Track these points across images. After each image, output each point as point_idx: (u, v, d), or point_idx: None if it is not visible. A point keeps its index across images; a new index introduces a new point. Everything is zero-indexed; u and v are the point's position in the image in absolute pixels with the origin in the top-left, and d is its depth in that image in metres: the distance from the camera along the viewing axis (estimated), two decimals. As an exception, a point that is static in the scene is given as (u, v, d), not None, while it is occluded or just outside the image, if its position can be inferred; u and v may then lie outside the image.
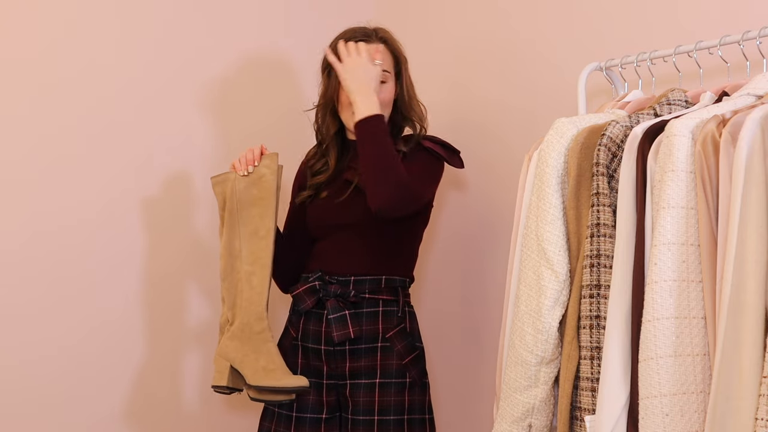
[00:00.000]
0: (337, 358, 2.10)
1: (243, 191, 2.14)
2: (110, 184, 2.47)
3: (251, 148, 2.16)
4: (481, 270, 2.51)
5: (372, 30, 2.14)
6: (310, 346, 2.12)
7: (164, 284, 2.55)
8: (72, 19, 2.43)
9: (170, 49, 2.56)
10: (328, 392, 2.11)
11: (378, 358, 2.08)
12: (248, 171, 2.14)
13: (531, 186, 1.74)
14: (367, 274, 2.10)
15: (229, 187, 2.16)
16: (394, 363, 2.08)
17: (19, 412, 2.34)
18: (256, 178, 2.15)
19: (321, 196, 2.18)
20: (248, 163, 2.14)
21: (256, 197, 2.14)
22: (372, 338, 2.09)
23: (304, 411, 2.10)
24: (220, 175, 2.19)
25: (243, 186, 2.14)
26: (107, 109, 2.46)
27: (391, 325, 2.10)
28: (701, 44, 1.72)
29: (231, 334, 2.11)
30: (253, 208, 2.14)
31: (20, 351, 2.34)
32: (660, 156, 1.48)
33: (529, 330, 1.66)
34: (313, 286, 2.11)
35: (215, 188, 2.19)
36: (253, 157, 2.14)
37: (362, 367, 2.08)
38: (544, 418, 1.71)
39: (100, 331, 2.45)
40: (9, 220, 2.34)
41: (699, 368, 1.44)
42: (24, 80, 2.37)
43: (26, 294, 2.36)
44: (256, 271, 2.11)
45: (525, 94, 2.35)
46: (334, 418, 2.12)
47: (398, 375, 2.07)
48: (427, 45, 2.67)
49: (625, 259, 1.53)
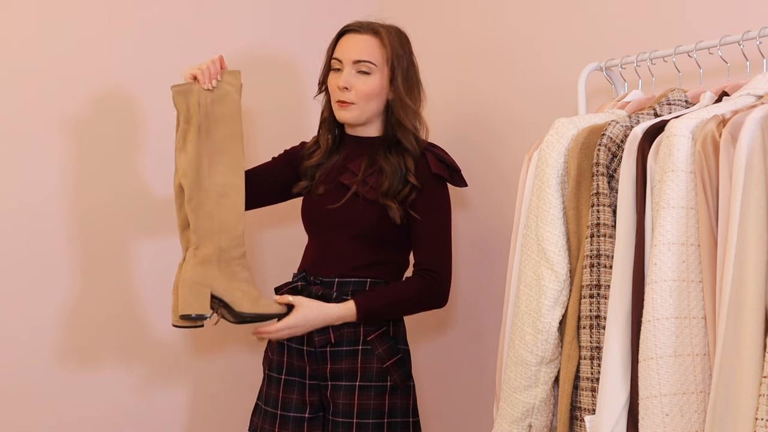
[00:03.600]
0: (318, 359, 2.09)
1: (209, 105, 2.00)
2: (107, 184, 2.48)
3: (213, 59, 2.04)
4: (481, 270, 2.51)
5: (368, 23, 2.14)
6: (294, 346, 2.12)
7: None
8: (61, 13, 2.42)
9: (165, 45, 2.55)
10: (311, 392, 2.11)
11: (359, 360, 2.07)
12: (212, 85, 2.01)
13: (531, 186, 1.74)
14: (351, 277, 2.10)
15: (194, 100, 2.00)
16: (375, 366, 2.07)
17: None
18: (221, 94, 2.01)
19: (317, 191, 2.17)
20: (212, 77, 2.02)
21: (221, 115, 2.01)
22: (353, 341, 2.08)
23: (287, 410, 2.10)
24: (183, 85, 2.02)
25: (209, 100, 2.00)
26: (91, 105, 2.45)
27: (373, 328, 2.08)
28: (701, 44, 1.71)
29: (203, 259, 1.98)
30: (220, 127, 2.01)
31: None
32: (660, 156, 1.48)
33: (529, 330, 1.66)
34: (295, 287, 2.11)
35: (176, 97, 2.02)
36: (216, 70, 2.03)
37: (343, 370, 2.07)
38: (544, 418, 1.71)
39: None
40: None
41: (699, 368, 1.44)
42: (18, 76, 2.37)
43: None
44: (229, 193, 2.00)
45: (525, 94, 2.35)
46: (318, 418, 2.11)
47: (379, 378, 2.07)
48: (427, 45, 2.67)
49: (625, 259, 1.53)
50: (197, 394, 2.62)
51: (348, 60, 2.10)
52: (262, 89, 2.66)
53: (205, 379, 2.64)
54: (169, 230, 2.33)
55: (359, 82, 2.09)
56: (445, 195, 2.14)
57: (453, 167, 2.14)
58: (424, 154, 2.12)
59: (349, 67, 2.09)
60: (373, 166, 2.12)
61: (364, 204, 2.09)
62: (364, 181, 2.10)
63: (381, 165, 2.10)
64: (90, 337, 2.46)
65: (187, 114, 2.01)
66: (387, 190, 2.07)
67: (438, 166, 2.10)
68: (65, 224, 2.43)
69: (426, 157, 2.11)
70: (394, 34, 2.13)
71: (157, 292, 2.47)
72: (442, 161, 2.12)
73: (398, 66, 2.11)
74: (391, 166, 2.08)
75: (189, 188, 1.99)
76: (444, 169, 2.12)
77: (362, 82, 2.09)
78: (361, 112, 2.11)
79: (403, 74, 2.12)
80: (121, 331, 2.51)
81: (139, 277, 2.52)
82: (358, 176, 2.11)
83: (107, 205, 2.48)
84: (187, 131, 2.00)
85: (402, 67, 2.12)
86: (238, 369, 2.66)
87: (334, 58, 2.13)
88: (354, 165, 2.14)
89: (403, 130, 2.12)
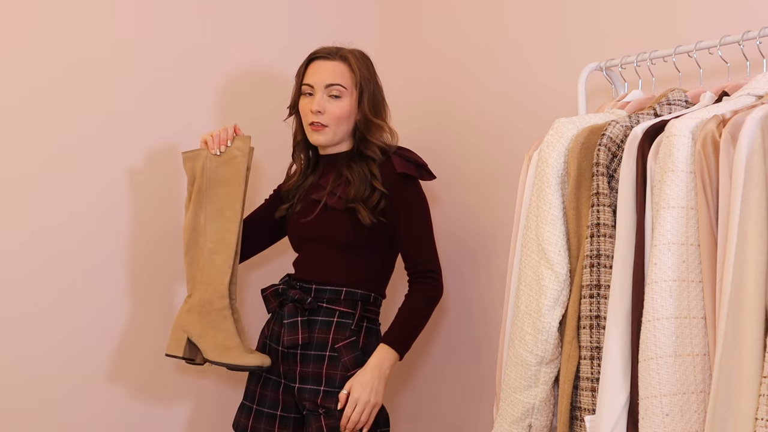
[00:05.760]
0: (289, 360, 2.18)
1: (213, 170, 2.19)
2: (107, 186, 2.47)
3: (225, 127, 2.22)
4: (481, 270, 2.51)
5: (336, 49, 2.23)
6: (273, 345, 2.22)
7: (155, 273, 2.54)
8: (70, 20, 2.42)
9: (170, 51, 2.56)
10: (285, 392, 2.20)
11: (324, 366, 2.13)
12: (220, 150, 2.19)
13: (531, 186, 1.74)
14: (327, 284, 2.18)
15: (200, 165, 2.19)
16: (339, 374, 2.13)
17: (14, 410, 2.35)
18: (227, 159, 2.19)
19: (296, 210, 2.28)
20: (221, 143, 2.20)
21: (225, 178, 2.19)
22: (321, 346, 2.15)
23: (262, 405, 2.22)
24: (192, 151, 2.22)
25: (214, 165, 2.19)
26: (105, 110, 2.46)
27: (343, 336, 2.15)
28: (701, 44, 1.71)
29: (189, 307, 2.19)
30: (222, 188, 2.19)
31: (17, 349, 2.35)
32: (660, 156, 1.48)
33: (529, 330, 1.66)
34: (277, 290, 2.23)
35: (186, 163, 2.22)
36: (226, 136, 2.21)
37: (310, 373, 2.15)
38: (544, 418, 1.71)
39: (90, 325, 2.45)
40: (5, 217, 2.34)
41: (699, 368, 1.44)
42: (21, 78, 2.36)
43: (25, 291, 2.36)
44: (219, 250, 2.18)
45: (525, 94, 2.35)
46: (289, 418, 2.20)
47: (342, 386, 2.11)
48: (427, 45, 2.67)
49: (625, 259, 1.53)
50: (198, 405, 2.62)
51: (320, 85, 2.20)
52: (268, 96, 2.68)
53: (206, 386, 2.64)
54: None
55: (331, 105, 2.20)
56: (416, 192, 2.21)
57: (419, 163, 2.21)
58: (390, 158, 2.20)
59: (321, 92, 2.20)
60: (340, 177, 2.22)
61: (333, 214, 2.19)
62: (332, 192, 2.20)
63: (346, 175, 2.19)
64: (93, 346, 2.47)
65: (192, 177, 2.21)
66: (354, 196, 2.16)
67: (402, 165, 2.18)
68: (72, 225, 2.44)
69: (391, 160, 2.19)
70: (360, 59, 2.24)
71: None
72: (407, 160, 2.20)
73: (366, 88, 2.22)
74: (356, 174, 2.18)
75: (186, 244, 2.21)
76: (409, 166, 2.19)
77: (334, 106, 2.20)
78: (333, 134, 2.22)
79: (369, 96, 2.23)
80: (122, 335, 2.51)
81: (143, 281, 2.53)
82: (326, 189, 2.21)
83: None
84: (191, 192, 2.21)
85: (369, 90, 2.23)
86: (239, 380, 2.64)
87: (305, 84, 2.23)
88: (324, 180, 2.25)
89: (368, 143, 2.23)
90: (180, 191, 2.49)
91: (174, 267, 2.49)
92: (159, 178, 2.53)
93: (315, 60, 2.23)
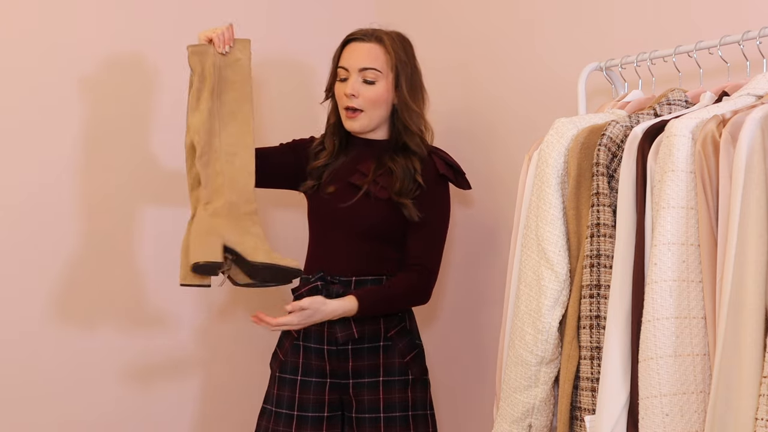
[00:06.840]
0: (339, 357, 2.13)
1: (221, 69, 2.06)
2: (115, 185, 2.48)
3: (228, 26, 2.08)
4: (481, 270, 2.51)
5: (372, 30, 2.18)
6: (312, 345, 2.15)
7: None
8: (77, 15, 2.43)
9: (175, 45, 2.55)
10: (331, 391, 2.13)
11: (381, 356, 2.12)
12: (226, 50, 2.05)
13: (531, 186, 1.74)
14: (369, 275, 2.13)
15: (210, 62, 2.04)
16: (397, 361, 2.13)
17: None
18: (233, 60, 2.06)
19: (327, 190, 2.19)
20: (227, 41, 2.06)
21: (231, 80, 2.06)
22: (374, 337, 2.13)
23: (305, 410, 2.12)
24: (199, 46, 2.06)
25: (222, 65, 2.05)
26: (108, 104, 2.46)
27: (393, 324, 2.14)
28: (701, 44, 1.71)
29: (213, 212, 2.00)
30: (230, 91, 2.06)
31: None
32: (660, 156, 1.48)
33: (529, 330, 1.66)
34: (315, 287, 2.11)
35: (192, 57, 2.05)
36: (230, 36, 2.07)
37: (365, 366, 2.12)
38: (544, 418, 1.71)
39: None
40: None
41: (699, 368, 1.44)
42: (20, 77, 2.37)
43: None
44: (238, 152, 2.04)
45: (525, 94, 2.35)
46: (336, 417, 2.14)
47: (401, 373, 2.12)
48: (427, 46, 2.67)
49: (625, 259, 1.53)
50: (205, 394, 2.62)
51: (354, 68, 2.15)
52: (276, 89, 2.69)
53: (213, 378, 2.64)
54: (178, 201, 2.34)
55: (365, 89, 2.14)
56: (445, 195, 2.19)
57: (458, 170, 2.20)
58: (431, 155, 2.17)
59: (356, 75, 2.15)
60: (381, 167, 2.16)
61: (375, 203, 2.13)
62: (375, 181, 2.14)
63: (390, 167, 2.15)
64: (94, 320, 2.46)
65: (202, 74, 2.04)
66: (400, 189, 2.12)
67: (444, 168, 2.16)
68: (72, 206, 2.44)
69: (432, 159, 2.17)
70: (397, 41, 2.18)
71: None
72: (448, 163, 2.18)
73: (402, 72, 2.16)
74: (401, 167, 2.13)
75: (200, 146, 2.01)
76: (449, 171, 2.17)
77: (368, 90, 2.14)
78: (369, 120, 2.17)
79: (407, 80, 2.17)
80: (124, 314, 2.50)
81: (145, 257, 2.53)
82: (368, 177, 2.15)
83: (115, 177, 2.49)
84: (201, 91, 2.04)
85: (406, 73, 2.17)
86: (247, 369, 2.64)
87: (340, 67, 2.18)
88: (363, 167, 2.18)
89: (410, 133, 2.17)
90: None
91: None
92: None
93: (350, 42, 2.18)
